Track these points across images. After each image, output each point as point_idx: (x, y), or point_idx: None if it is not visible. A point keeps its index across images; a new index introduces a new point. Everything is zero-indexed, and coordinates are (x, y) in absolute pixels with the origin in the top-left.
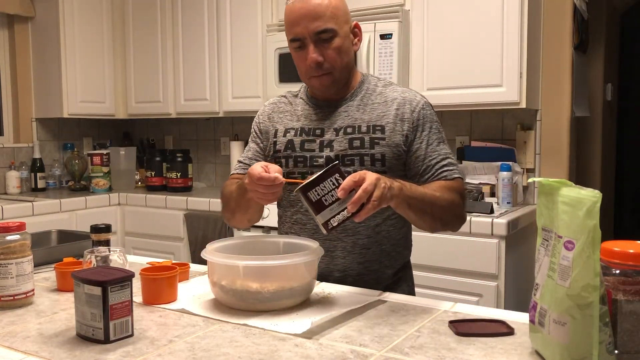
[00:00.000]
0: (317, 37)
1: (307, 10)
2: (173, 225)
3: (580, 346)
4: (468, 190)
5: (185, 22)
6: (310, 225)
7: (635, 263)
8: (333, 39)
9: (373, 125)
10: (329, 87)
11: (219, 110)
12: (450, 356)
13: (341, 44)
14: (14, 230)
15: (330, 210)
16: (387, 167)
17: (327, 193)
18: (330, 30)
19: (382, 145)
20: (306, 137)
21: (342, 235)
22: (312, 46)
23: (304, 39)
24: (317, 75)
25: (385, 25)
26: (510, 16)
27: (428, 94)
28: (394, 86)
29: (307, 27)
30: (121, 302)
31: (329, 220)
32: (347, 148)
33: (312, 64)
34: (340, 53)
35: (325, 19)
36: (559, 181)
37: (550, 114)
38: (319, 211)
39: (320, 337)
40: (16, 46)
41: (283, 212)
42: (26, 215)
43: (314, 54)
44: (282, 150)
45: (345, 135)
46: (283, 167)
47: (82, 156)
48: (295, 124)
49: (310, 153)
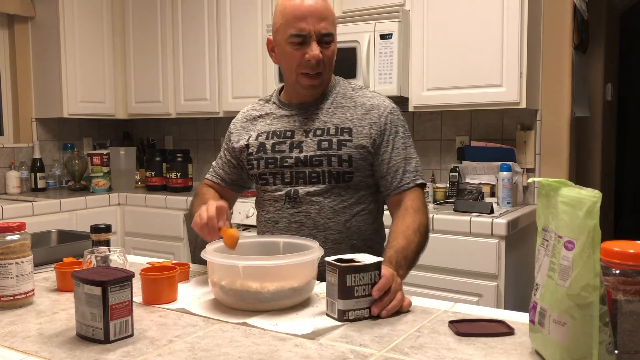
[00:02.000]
0: (322, 37)
1: (316, 9)
2: (173, 225)
3: (580, 346)
4: (468, 191)
5: (185, 23)
6: (283, 224)
7: (635, 263)
8: (331, 43)
9: (341, 127)
10: (316, 88)
11: (219, 110)
12: (450, 356)
13: (335, 49)
14: (14, 230)
15: (356, 302)
16: (354, 167)
17: (362, 285)
18: (332, 35)
19: (349, 146)
20: (277, 140)
21: (313, 232)
22: (315, 44)
23: (308, 35)
24: (309, 74)
25: (385, 25)
26: (510, 16)
27: (428, 94)
28: (363, 91)
29: (315, 25)
30: (121, 302)
31: (348, 312)
32: (315, 149)
33: (312, 60)
34: (333, 58)
35: (329, 22)
36: (559, 181)
37: (550, 114)
38: (345, 297)
39: (320, 337)
40: (16, 46)
41: (259, 212)
42: (26, 215)
43: (316, 51)
44: (254, 153)
45: (315, 137)
46: (255, 169)
47: (82, 156)
48: (268, 127)
49: (281, 154)
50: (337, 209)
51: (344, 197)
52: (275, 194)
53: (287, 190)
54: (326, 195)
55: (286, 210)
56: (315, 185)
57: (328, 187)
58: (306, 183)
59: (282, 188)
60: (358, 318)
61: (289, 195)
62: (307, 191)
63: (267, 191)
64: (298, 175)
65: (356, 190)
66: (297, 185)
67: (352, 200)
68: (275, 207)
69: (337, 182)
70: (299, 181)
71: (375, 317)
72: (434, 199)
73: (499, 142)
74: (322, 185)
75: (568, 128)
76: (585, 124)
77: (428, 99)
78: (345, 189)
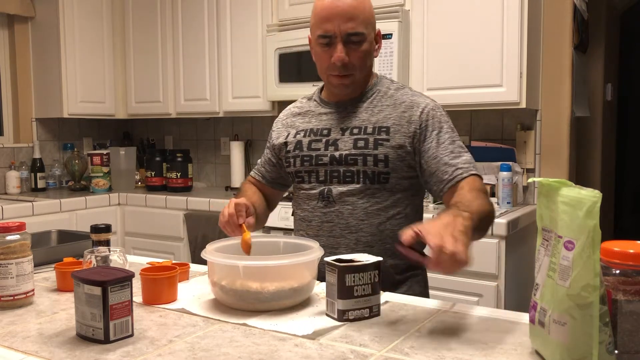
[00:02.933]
0: (348, 38)
1: (342, 9)
2: (173, 225)
3: (580, 346)
4: None
5: (185, 23)
6: (315, 223)
7: (635, 263)
8: (362, 43)
9: (379, 126)
10: (347, 88)
11: (219, 110)
12: (450, 356)
13: (368, 49)
14: (14, 230)
15: (355, 301)
16: (390, 167)
17: (362, 284)
18: (361, 34)
19: (385, 146)
20: (314, 137)
21: (345, 232)
22: (340, 45)
23: (334, 36)
24: (339, 75)
25: (385, 25)
26: (510, 16)
27: (428, 94)
28: (405, 89)
29: (340, 26)
30: (121, 302)
31: (348, 311)
32: (351, 148)
33: (337, 63)
34: (365, 58)
35: (358, 21)
36: (559, 181)
37: (550, 114)
38: (345, 297)
39: (320, 337)
40: (16, 46)
41: (295, 210)
42: (26, 215)
43: (341, 54)
44: (291, 151)
45: (351, 136)
46: (291, 167)
47: (82, 156)
48: (306, 125)
49: (316, 152)
50: (370, 210)
51: (379, 198)
52: (309, 192)
53: (321, 189)
54: (360, 195)
55: (319, 209)
56: (349, 184)
57: (362, 188)
58: (340, 182)
59: (317, 187)
60: (358, 318)
61: (323, 194)
62: (341, 191)
63: (302, 189)
64: (332, 174)
65: (392, 193)
66: (332, 184)
67: (387, 203)
68: (309, 206)
69: (372, 183)
70: (332, 180)
71: (375, 317)
72: (434, 199)
73: (499, 142)
74: (356, 185)
75: (568, 128)
76: (585, 124)
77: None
78: (381, 191)
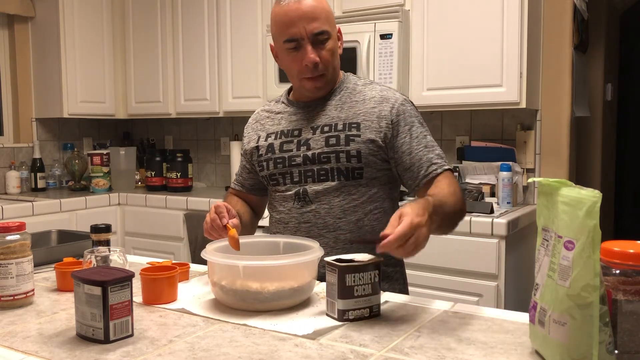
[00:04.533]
0: (315, 38)
1: (304, 11)
2: (173, 225)
3: (580, 346)
4: (468, 191)
5: (185, 23)
6: (292, 224)
7: (635, 263)
8: (328, 40)
9: (349, 122)
10: (320, 89)
11: (219, 110)
12: (450, 356)
13: (334, 46)
14: (14, 230)
15: (355, 301)
16: (363, 162)
17: (362, 284)
18: (326, 32)
19: (357, 141)
20: (285, 139)
21: (323, 232)
22: (309, 46)
23: (301, 39)
24: (311, 77)
25: (385, 25)
26: (510, 16)
27: (428, 94)
28: (373, 85)
29: (305, 28)
30: (121, 302)
31: (348, 311)
32: (323, 146)
33: (309, 65)
34: (332, 55)
35: (322, 20)
36: (559, 181)
37: (550, 114)
38: (345, 297)
39: (320, 337)
40: (16, 46)
41: (270, 213)
42: (26, 215)
43: (312, 54)
44: (263, 154)
45: (322, 134)
46: (265, 170)
47: (82, 156)
48: (276, 127)
49: (288, 153)
50: (347, 207)
51: (355, 195)
52: (285, 194)
53: (296, 190)
54: (336, 193)
55: (295, 210)
56: (324, 183)
57: (338, 185)
58: (315, 181)
59: (292, 187)
60: (358, 318)
61: (298, 194)
62: (317, 190)
63: (277, 191)
64: (307, 173)
65: (368, 188)
66: (306, 184)
67: (364, 199)
68: (285, 208)
69: (347, 180)
70: (307, 180)
71: (375, 317)
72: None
73: (499, 142)
74: (331, 182)
75: (568, 128)
76: (585, 124)
77: (428, 99)
78: (356, 187)
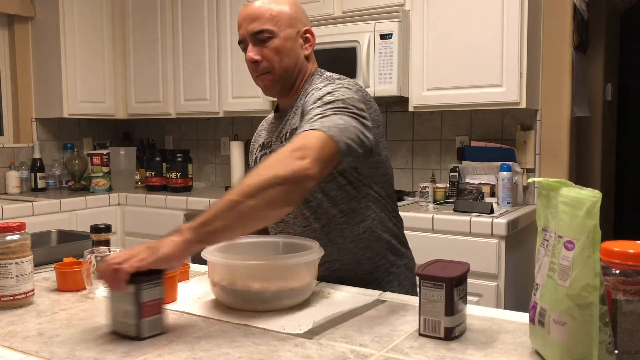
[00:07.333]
0: (255, 37)
1: (247, 13)
2: (173, 225)
3: (580, 346)
4: (468, 191)
5: (185, 23)
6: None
7: (635, 263)
8: (271, 39)
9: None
10: (269, 87)
11: (219, 110)
12: (450, 356)
13: (280, 45)
14: (14, 230)
15: (460, 316)
16: None
17: (461, 297)
18: (267, 31)
19: None
20: (263, 151)
21: None
22: (250, 46)
23: (245, 40)
24: (259, 75)
25: (385, 25)
26: (510, 16)
27: (428, 94)
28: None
29: (247, 28)
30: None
31: (454, 328)
32: None
33: (249, 62)
34: (278, 54)
35: (263, 20)
36: (559, 181)
37: (550, 114)
38: (451, 314)
39: (320, 337)
40: (16, 46)
41: None
42: (26, 215)
43: (250, 53)
44: None
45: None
46: None
47: (82, 156)
48: (262, 139)
49: None
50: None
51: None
52: None
53: None
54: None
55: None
56: None
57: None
58: None
59: None
60: (461, 333)
61: None
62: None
63: None
64: None
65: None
66: None
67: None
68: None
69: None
70: None
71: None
72: (434, 199)
73: (499, 142)
74: None
75: (568, 128)
76: (585, 124)
77: (428, 99)
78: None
